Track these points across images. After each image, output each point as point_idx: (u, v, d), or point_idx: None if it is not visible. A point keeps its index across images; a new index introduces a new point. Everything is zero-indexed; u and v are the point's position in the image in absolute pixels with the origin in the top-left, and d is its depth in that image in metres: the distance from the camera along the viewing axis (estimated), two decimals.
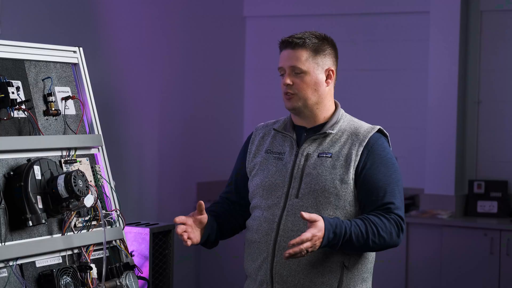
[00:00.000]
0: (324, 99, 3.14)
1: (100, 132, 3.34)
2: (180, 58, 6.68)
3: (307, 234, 2.84)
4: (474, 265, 6.01)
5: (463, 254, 6.05)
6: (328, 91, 3.15)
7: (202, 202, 3.10)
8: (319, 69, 3.11)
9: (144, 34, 6.32)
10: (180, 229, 3.06)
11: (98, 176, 3.26)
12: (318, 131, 3.14)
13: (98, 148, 3.32)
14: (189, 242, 3.09)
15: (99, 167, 3.28)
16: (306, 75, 3.10)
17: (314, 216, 2.88)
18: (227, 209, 3.31)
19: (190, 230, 3.10)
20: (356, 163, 3.05)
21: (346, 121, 3.16)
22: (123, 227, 3.30)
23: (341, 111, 3.19)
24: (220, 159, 7.15)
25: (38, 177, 2.93)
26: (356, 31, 6.75)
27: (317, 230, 2.86)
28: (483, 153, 6.56)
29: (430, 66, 6.46)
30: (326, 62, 3.13)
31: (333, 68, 3.15)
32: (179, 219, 3.07)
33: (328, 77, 3.14)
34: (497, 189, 6.40)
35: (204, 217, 3.13)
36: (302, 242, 2.83)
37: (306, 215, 2.87)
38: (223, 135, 7.21)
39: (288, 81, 3.11)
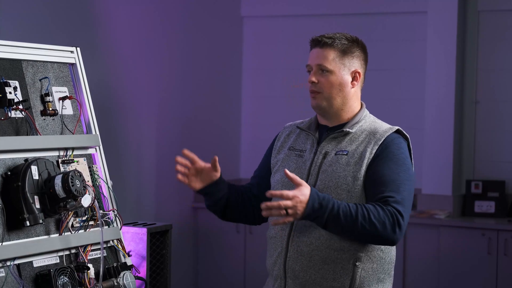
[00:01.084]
0: (349, 100, 3.16)
1: (98, 132, 3.34)
2: (178, 57, 6.69)
3: (288, 192, 2.85)
4: (472, 265, 6.02)
5: (461, 254, 6.05)
6: (353, 92, 3.16)
7: (216, 157, 3.15)
8: (345, 70, 3.13)
9: (142, 34, 6.32)
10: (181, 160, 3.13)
11: (96, 176, 3.26)
12: (339, 129, 3.16)
13: (96, 148, 3.32)
14: (180, 177, 3.14)
15: (96, 167, 3.28)
16: (332, 74, 3.11)
17: (299, 179, 2.89)
18: (247, 194, 3.33)
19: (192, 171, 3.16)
20: (370, 160, 3.06)
21: (368, 121, 3.17)
22: (121, 227, 3.30)
23: (365, 111, 3.20)
24: (218, 159, 7.14)
25: (36, 177, 2.93)
26: (353, 31, 6.68)
27: (301, 193, 2.86)
28: (480, 153, 6.56)
29: (427, 66, 6.46)
30: (354, 64, 3.15)
31: (360, 70, 3.17)
32: (187, 153, 3.12)
33: (354, 78, 3.15)
34: (495, 189, 6.41)
35: (216, 174, 3.19)
36: (282, 196, 2.84)
37: (290, 174, 2.89)
38: (221, 135, 7.21)
39: (313, 79, 3.12)
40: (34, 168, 2.93)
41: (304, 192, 2.87)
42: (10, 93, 2.96)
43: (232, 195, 3.28)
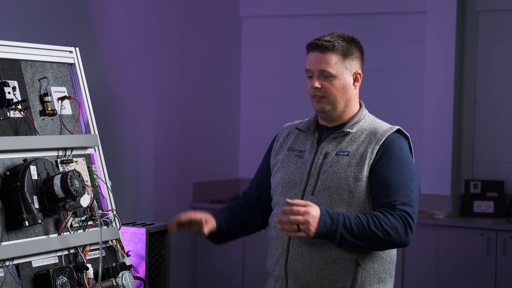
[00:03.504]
0: (351, 102, 3.17)
1: (96, 132, 3.34)
2: (177, 57, 6.68)
3: (300, 208, 2.88)
4: (471, 265, 6.02)
5: (460, 254, 6.05)
6: (355, 94, 3.18)
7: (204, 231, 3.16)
8: (347, 72, 3.13)
9: (140, 34, 6.32)
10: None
11: (95, 176, 3.26)
12: (339, 130, 3.16)
13: (94, 148, 3.32)
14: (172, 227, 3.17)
15: (95, 167, 3.28)
16: (335, 79, 3.11)
17: (304, 201, 2.91)
18: (245, 207, 3.34)
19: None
20: (371, 161, 3.06)
21: (368, 121, 3.18)
22: (120, 227, 3.30)
23: (364, 111, 3.21)
24: (216, 159, 7.15)
25: (35, 177, 2.92)
26: (352, 31, 6.67)
27: (312, 210, 2.88)
28: (479, 153, 6.56)
29: (426, 66, 6.46)
30: (354, 65, 3.15)
31: (360, 71, 3.17)
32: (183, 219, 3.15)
33: (355, 80, 3.16)
34: (494, 189, 6.41)
35: (211, 222, 3.20)
36: (291, 212, 2.86)
37: (292, 200, 2.91)
38: (219, 135, 7.21)
39: (317, 84, 3.11)
40: (33, 168, 2.93)
41: (315, 209, 2.90)
42: (9, 93, 2.96)
43: (232, 225, 3.30)
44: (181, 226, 3.18)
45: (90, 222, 3.15)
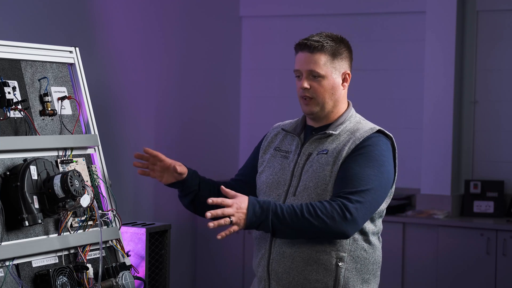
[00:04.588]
0: (340, 102, 3.16)
1: (97, 132, 3.34)
2: (176, 57, 6.68)
3: (228, 200, 2.89)
4: (471, 265, 6.02)
5: (459, 254, 6.05)
6: (343, 94, 3.17)
7: (175, 167, 3.23)
8: (336, 73, 3.12)
9: (140, 33, 6.32)
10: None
11: (95, 176, 3.26)
12: (324, 130, 3.16)
13: (95, 148, 3.32)
14: (139, 171, 3.29)
15: (95, 167, 3.28)
16: (324, 79, 3.11)
17: (234, 192, 2.93)
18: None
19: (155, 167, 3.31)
20: (344, 158, 3.05)
21: (353, 122, 3.17)
22: (120, 227, 3.30)
23: (350, 111, 3.20)
24: (216, 159, 7.15)
25: (35, 177, 2.92)
26: (352, 31, 6.75)
27: (239, 201, 2.89)
28: (479, 153, 6.56)
29: (426, 66, 6.46)
30: (343, 65, 3.14)
31: (349, 71, 3.16)
32: (149, 151, 3.25)
33: (344, 80, 3.15)
34: (493, 189, 6.41)
35: (182, 175, 3.22)
36: (222, 203, 2.87)
37: (225, 189, 2.94)
38: (219, 135, 7.21)
39: (306, 85, 3.11)
40: (33, 168, 2.93)
41: (242, 199, 2.90)
42: (9, 93, 2.96)
43: (204, 192, 3.30)
44: (146, 160, 3.31)
45: (90, 222, 3.15)
